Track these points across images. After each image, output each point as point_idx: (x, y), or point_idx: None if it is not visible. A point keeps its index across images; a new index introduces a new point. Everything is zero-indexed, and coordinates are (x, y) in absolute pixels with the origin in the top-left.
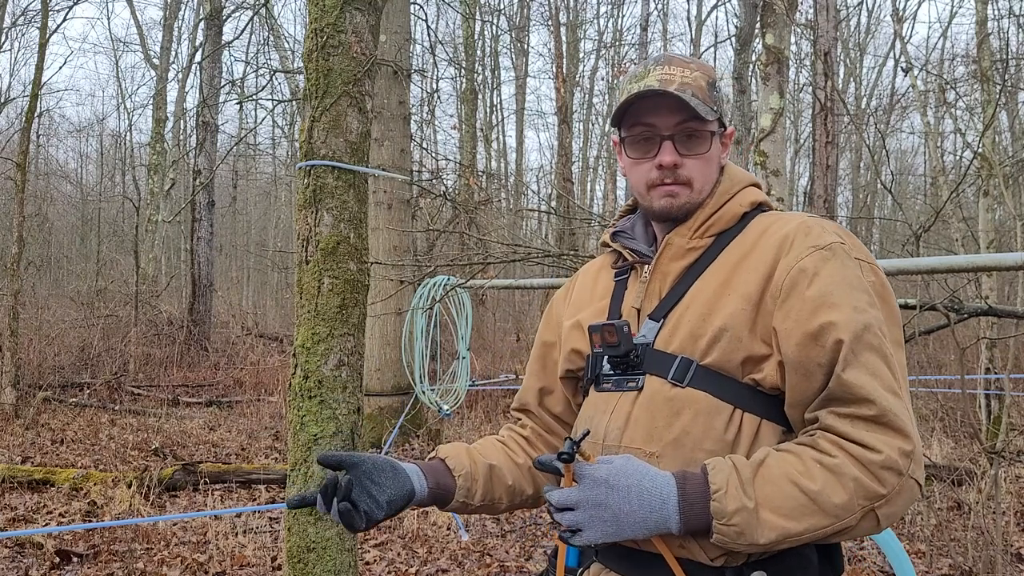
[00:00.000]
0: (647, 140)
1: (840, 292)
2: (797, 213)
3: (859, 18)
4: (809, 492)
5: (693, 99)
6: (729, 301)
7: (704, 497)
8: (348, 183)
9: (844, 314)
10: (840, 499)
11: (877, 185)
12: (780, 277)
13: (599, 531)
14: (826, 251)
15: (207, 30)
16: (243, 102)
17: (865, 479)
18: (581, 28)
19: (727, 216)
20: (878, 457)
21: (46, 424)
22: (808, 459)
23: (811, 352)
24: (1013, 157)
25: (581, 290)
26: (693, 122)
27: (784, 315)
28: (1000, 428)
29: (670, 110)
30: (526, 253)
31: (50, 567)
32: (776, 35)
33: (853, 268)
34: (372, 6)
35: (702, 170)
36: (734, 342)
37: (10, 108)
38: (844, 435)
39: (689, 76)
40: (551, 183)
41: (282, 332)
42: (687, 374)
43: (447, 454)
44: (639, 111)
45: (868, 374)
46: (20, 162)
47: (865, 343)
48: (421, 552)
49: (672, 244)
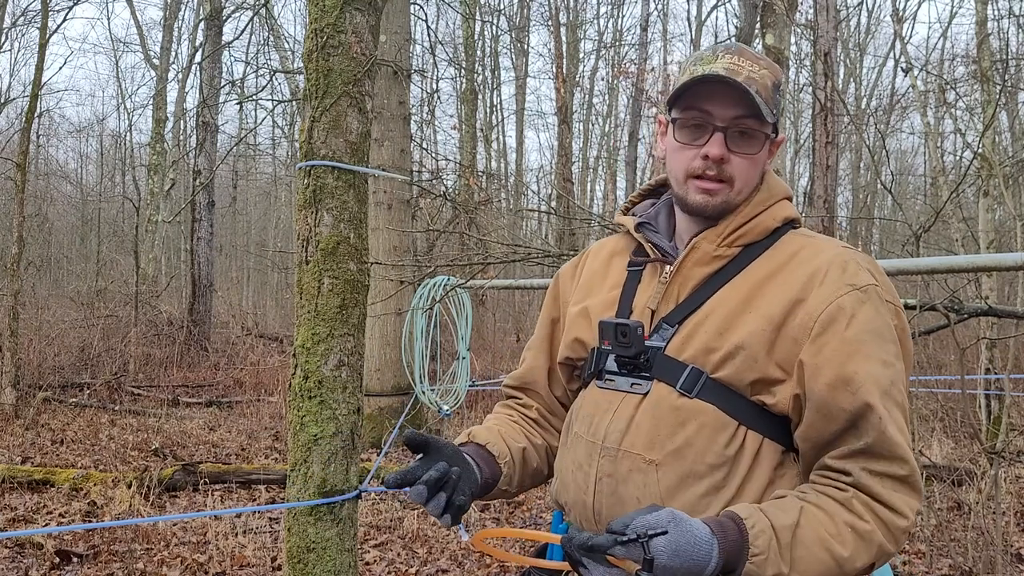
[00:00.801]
0: (699, 127)
1: (874, 342)
2: (830, 240)
3: (859, 18)
4: (839, 559)
5: (757, 96)
6: (750, 319)
7: (741, 557)
8: (348, 183)
9: (876, 367)
10: (863, 563)
11: (877, 185)
12: (816, 309)
13: (672, 561)
14: (862, 293)
15: (207, 30)
16: (243, 102)
17: (888, 544)
18: (581, 28)
19: (759, 228)
20: (904, 523)
21: (46, 424)
22: (841, 523)
23: (839, 397)
24: (1013, 157)
25: (590, 273)
26: (751, 120)
27: (816, 350)
28: (1000, 428)
29: (731, 101)
30: (526, 253)
31: (50, 567)
32: (776, 35)
33: (885, 315)
34: (372, 6)
35: (747, 171)
36: (749, 361)
37: (10, 108)
38: (877, 497)
39: (757, 72)
40: (551, 183)
41: (282, 332)
42: (696, 385)
43: (486, 439)
44: (698, 95)
45: (898, 431)
46: (20, 162)
47: (892, 399)
48: (421, 552)
49: (699, 248)
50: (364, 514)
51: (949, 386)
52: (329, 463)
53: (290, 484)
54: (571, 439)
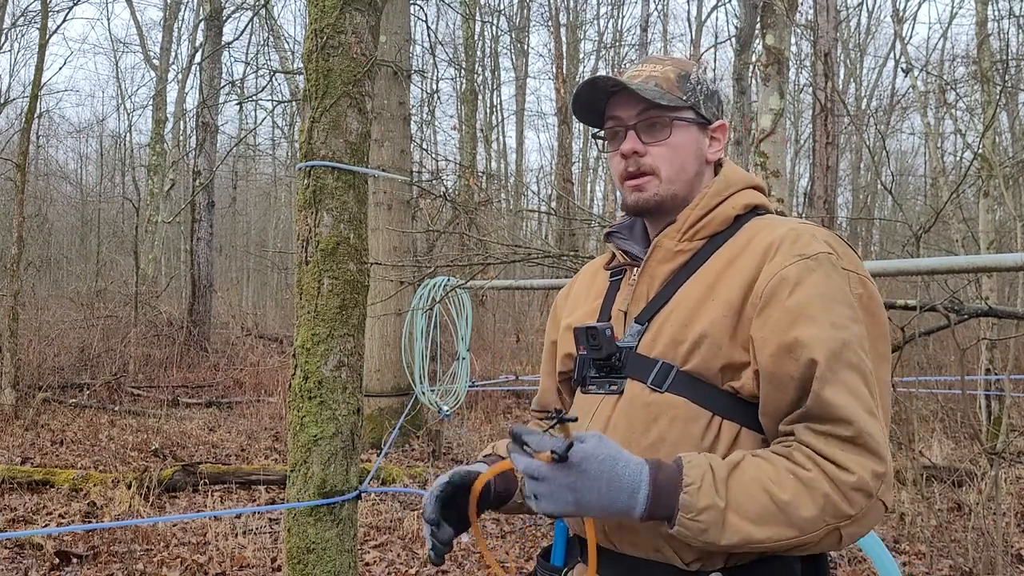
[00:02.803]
0: (616, 133)
1: (820, 305)
2: (789, 219)
3: (859, 19)
4: (779, 501)
5: (652, 89)
6: (712, 307)
7: (675, 489)
8: (348, 184)
9: (822, 329)
10: (808, 513)
11: (877, 186)
12: (761, 284)
13: (557, 506)
14: (812, 260)
15: (207, 31)
16: (243, 103)
17: (836, 498)
18: (581, 29)
19: (719, 219)
20: (851, 478)
21: (46, 425)
22: (782, 469)
23: (784, 365)
24: (1013, 158)
25: (579, 290)
26: (653, 111)
27: (761, 323)
28: (1000, 429)
29: (632, 101)
30: (526, 254)
31: (50, 568)
32: (776, 36)
33: (838, 280)
34: (372, 7)
35: (668, 158)
36: (713, 349)
37: (10, 109)
38: (819, 451)
39: (658, 70)
40: (551, 184)
41: (282, 333)
42: (666, 379)
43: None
44: (611, 107)
45: (847, 393)
46: (20, 163)
47: (844, 361)
48: (421, 553)
49: (661, 246)
50: (364, 515)
51: (949, 387)
52: (329, 464)
53: (290, 485)
54: None
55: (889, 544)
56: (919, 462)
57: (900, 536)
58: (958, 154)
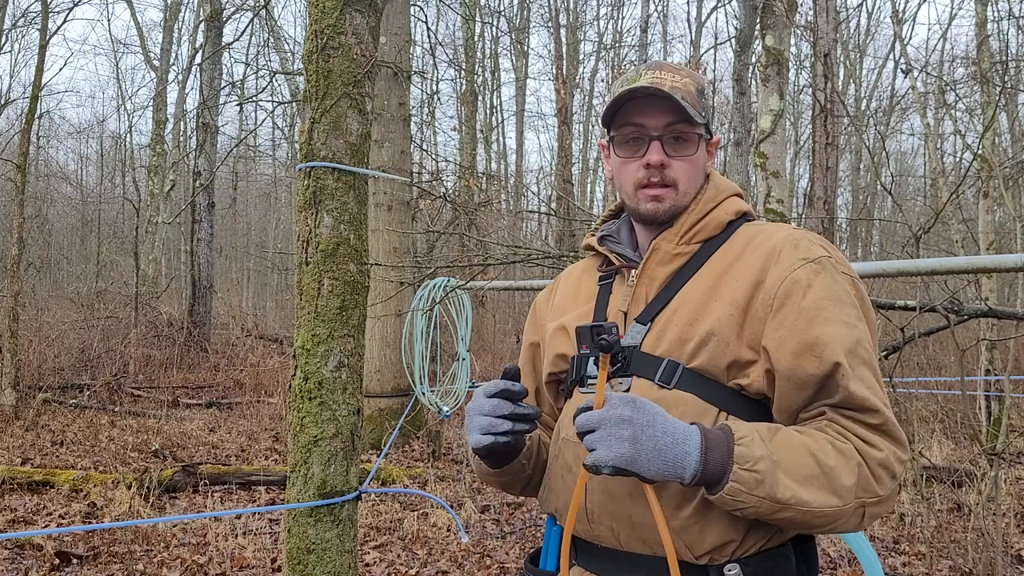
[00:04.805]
0: (636, 140)
1: (833, 307)
2: (781, 225)
3: (859, 20)
4: (824, 466)
5: (683, 102)
6: (717, 306)
7: (726, 442)
8: (348, 184)
9: (837, 328)
10: (848, 482)
11: (877, 187)
12: (773, 286)
13: (614, 451)
14: (816, 264)
15: (207, 32)
16: (243, 104)
17: (867, 472)
18: (581, 30)
19: (713, 223)
20: (880, 455)
21: (46, 426)
22: (821, 439)
23: (805, 362)
24: (1013, 159)
25: (563, 294)
26: (683, 124)
27: (778, 324)
28: (1000, 430)
29: (661, 111)
30: (526, 255)
31: (50, 568)
32: (776, 37)
33: (841, 282)
34: (372, 8)
35: (688, 173)
36: (721, 346)
37: (10, 110)
38: (851, 430)
39: (679, 81)
40: (551, 185)
41: (282, 334)
42: (674, 376)
43: None
44: (630, 111)
45: (867, 387)
46: (20, 164)
47: (859, 357)
48: (421, 554)
49: (659, 249)
50: (364, 515)
51: (949, 387)
52: (329, 464)
53: (290, 485)
54: (559, 446)
55: (889, 544)
56: (919, 463)
57: (900, 536)
58: (958, 155)
